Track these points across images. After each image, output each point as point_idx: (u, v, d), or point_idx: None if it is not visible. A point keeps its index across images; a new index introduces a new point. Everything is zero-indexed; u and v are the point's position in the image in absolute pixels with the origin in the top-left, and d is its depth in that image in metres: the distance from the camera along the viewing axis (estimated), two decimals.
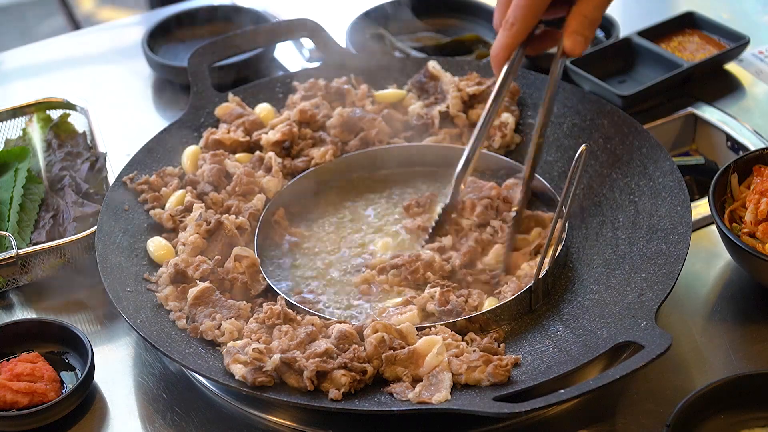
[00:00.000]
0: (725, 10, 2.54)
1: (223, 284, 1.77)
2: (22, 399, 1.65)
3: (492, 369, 1.57)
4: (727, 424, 1.56)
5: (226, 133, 2.05)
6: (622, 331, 1.60)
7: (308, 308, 1.72)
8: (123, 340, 1.83)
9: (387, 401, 1.57)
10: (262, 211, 1.92)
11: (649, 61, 2.30)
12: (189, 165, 2.01)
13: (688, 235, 1.73)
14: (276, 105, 2.14)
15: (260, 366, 1.58)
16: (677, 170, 1.86)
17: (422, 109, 2.10)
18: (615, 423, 1.63)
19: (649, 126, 2.15)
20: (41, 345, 1.76)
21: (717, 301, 1.82)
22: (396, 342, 1.62)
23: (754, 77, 2.31)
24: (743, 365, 1.70)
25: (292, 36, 2.24)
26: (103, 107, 2.29)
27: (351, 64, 2.21)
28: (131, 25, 2.85)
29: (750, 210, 1.76)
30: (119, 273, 1.78)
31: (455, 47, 2.43)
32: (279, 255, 1.89)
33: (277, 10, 2.66)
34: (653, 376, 1.66)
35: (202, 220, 1.84)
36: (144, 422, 1.69)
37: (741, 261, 1.78)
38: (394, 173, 2.05)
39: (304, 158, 2.02)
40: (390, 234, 1.91)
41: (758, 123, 2.18)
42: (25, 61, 2.63)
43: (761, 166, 1.84)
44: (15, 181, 2.05)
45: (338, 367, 1.58)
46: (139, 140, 2.06)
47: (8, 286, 1.92)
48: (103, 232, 1.84)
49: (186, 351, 1.65)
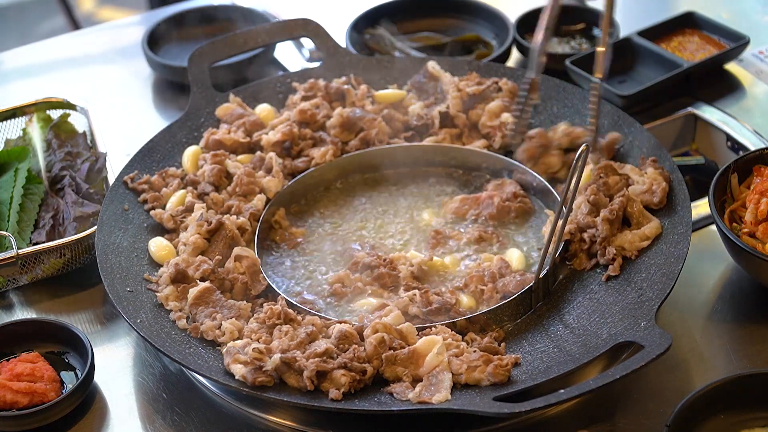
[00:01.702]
0: (725, 10, 2.54)
1: (223, 284, 1.77)
2: (22, 399, 1.65)
3: (492, 369, 1.57)
4: (727, 424, 1.56)
5: (226, 133, 2.05)
6: (622, 331, 1.60)
7: (308, 308, 1.72)
8: (123, 340, 1.83)
9: (387, 401, 1.57)
10: (263, 212, 1.92)
11: (649, 61, 2.30)
12: (189, 165, 2.01)
13: (688, 235, 1.73)
14: (276, 105, 2.14)
15: (260, 366, 1.58)
16: (677, 170, 1.86)
17: (422, 109, 2.10)
18: (615, 423, 1.63)
19: (649, 126, 2.15)
20: (41, 345, 1.76)
21: (717, 301, 1.82)
22: (396, 342, 1.62)
23: (754, 77, 2.31)
24: (743, 365, 1.70)
25: (292, 36, 2.24)
26: (103, 107, 2.29)
27: (351, 64, 2.21)
28: (131, 25, 2.85)
29: (750, 210, 1.76)
30: (119, 273, 1.78)
31: (455, 47, 2.43)
32: (280, 255, 1.89)
33: (277, 10, 2.66)
34: (653, 376, 1.66)
35: (203, 220, 1.84)
36: (144, 422, 1.69)
37: (741, 261, 1.78)
38: (394, 173, 2.05)
39: (305, 158, 2.02)
40: (393, 235, 1.92)
41: (758, 123, 2.18)
42: (25, 61, 2.63)
43: (761, 166, 1.84)
44: (15, 181, 2.05)
45: (338, 367, 1.58)
46: (139, 140, 2.06)
47: (8, 286, 1.92)
48: (103, 232, 1.84)
49: (186, 351, 1.65)
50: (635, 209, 1.79)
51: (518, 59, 2.44)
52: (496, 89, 2.10)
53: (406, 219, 1.95)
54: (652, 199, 1.82)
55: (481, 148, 2.03)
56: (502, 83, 2.11)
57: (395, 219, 1.95)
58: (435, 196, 2.00)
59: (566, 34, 2.46)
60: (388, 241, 1.90)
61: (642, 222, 1.79)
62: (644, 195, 1.82)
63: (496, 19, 2.47)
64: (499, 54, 2.32)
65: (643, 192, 1.82)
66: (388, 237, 1.91)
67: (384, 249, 1.88)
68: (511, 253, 1.83)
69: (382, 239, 1.91)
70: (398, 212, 1.97)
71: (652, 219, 1.79)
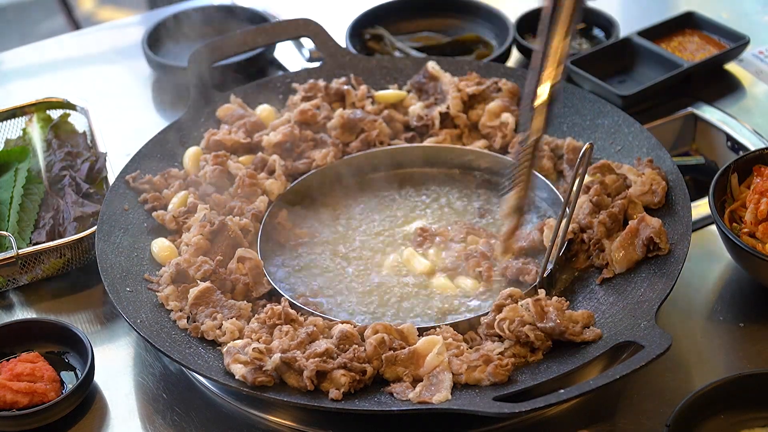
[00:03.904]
0: (725, 10, 2.54)
1: (224, 285, 1.77)
2: (22, 399, 1.65)
3: (492, 369, 1.57)
4: (727, 424, 1.56)
5: (227, 134, 2.05)
6: (622, 331, 1.60)
7: (312, 310, 1.72)
8: (123, 340, 1.83)
9: (387, 401, 1.57)
10: (265, 213, 1.92)
11: (649, 61, 2.30)
12: (191, 166, 2.01)
13: (688, 235, 1.73)
14: (276, 106, 2.14)
15: (260, 366, 1.58)
16: (677, 170, 1.86)
17: (422, 109, 2.10)
18: (615, 423, 1.63)
19: (649, 126, 2.15)
20: (41, 345, 1.76)
21: (717, 301, 1.82)
22: (396, 342, 1.62)
23: (754, 77, 2.31)
24: (743, 365, 1.70)
25: (292, 36, 2.25)
26: (103, 107, 2.29)
27: (351, 64, 2.21)
28: (131, 25, 2.86)
29: (750, 210, 1.76)
30: (119, 273, 1.78)
31: (455, 47, 2.43)
32: (282, 257, 1.89)
33: (277, 10, 2.66)
34: (653, 376, 1.66)
35: (206, 221, 1.84)
36: (144, 422, 1.69)
37: (741, 261, 1.78)
38: (395, 174, 2.05)
39: (306, 160, 2.02)
40: (394, 242, 1.92)
41: (758, 123, 2.18)
42: (25, 61, 2.63)
43: (761, 166, 1.84)
44: (15, 181, 2.05)
45: (338, 367, 1.58)
46: (139, 140, 2.06)
47: (8, 286, 1.92)
48: (103, 232, 1.84)
49: (186, 351, 1.65)
50: (636, 211, 1.80)
51: (518, 59, 2.44)
52: (496, 89, 2.10)
53: (407, 219, 1.95)
54: (652, 199, 1.82)
55: (481, 148, 2.03)
56: (502, 83, 2.11)
57: (396, 219, 1.95)
58: (435, 197, 2.00)
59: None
60: (389, 242, 1.90)
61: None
62: (645, 196, 1.82)
63: (496, 19, 2.47)
64: (499, 54, 2.32)
65: (643, 193, 1.82)
66: (388, 237, 1.91)
67: (384, 249, 1.89)
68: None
69: (382, 240, 1.91)
70: (399, 213, 1.97)
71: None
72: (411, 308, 1.77)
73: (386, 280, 1.82)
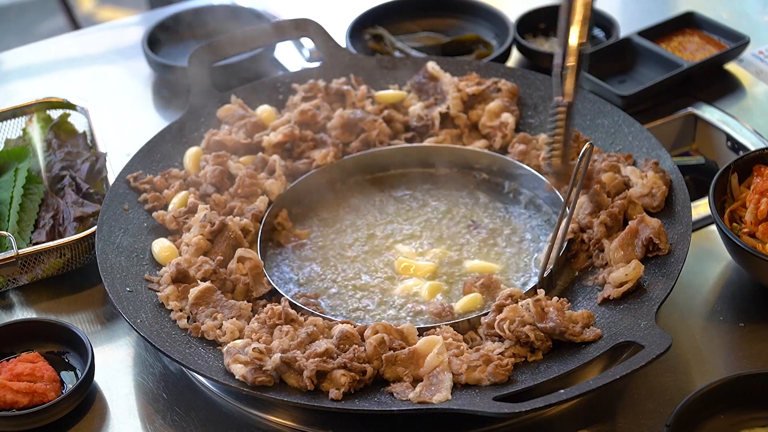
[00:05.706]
0: (725, 10, 2.54)
1: (224, 285, 1.77)
2: (22, 399, 1.65)
3: (492, 369, 1.57)
4: (727, 424, 1.56)
5: (227, 134, 2.05)
6: (622, 331, 1.60)
7: (312, 310, 1.72)
8: (123, 340, 1.83)
9: (387, 401, 1.57)
10: (265, 213, 1.92)
11: (649, 61, 2.30)
12: (191, 166, 2.01)
13: (688, 235, 1.73)
14: (276, 106, 2.14)
15: (260, 365, 1.58)
16: (677, 170, 1.86)
17: (422, 109, 2.10)
18: (615, 423, 1.63)
19: (649, 126, 2.15)
20: (41, 345, 1.76)
21: (717, 301, 1.82)
22: (396, 342, 1.62)
23: (754, 77, 2.31)
24: (743, 365, 1.70)
25: (292, 36, 2.24)
26: (103, 107, 2.29)
27: (351, 64, 2.21)
28: (131, 25, 2.86)
29: (750, 210, 1.76)
30: (119, 273, 1.78)
31: (455, 47, 2.43)
32: (282, 257, 1.89)
33: (277, 10, 2.66)
34: (653, 376, 1.66)
35: (206, 221, 1.84)
36: (144, 422, 1.69)
37: (741, 261, 1.78)
38: (395, 174, 2.05)
39: (306, 160, 2.02)
40: (394, 243, 1.92)
41: (758, 123, 2.18)
42: (25, 61, 2.63)
43: (761, 166, 1.84)
44: (15, 181, 2.05)
45: (338, 366, 1.58)
46: (139, 140, 2.06)
47: (8, 286, 1.92)
48: (103, 232, 1.85)
49: (186, 351, 1.65)
50: (636, 211, 1.80)
51: (518, 59, 2.44)
52: (495, 89, 2.10)
53: (407, 219, 1.95)
54: (651, 202, 1.82)
55: (481, 148, 2.03)
56: (501, 83, 2.11)
57: (396, 219, 1.95)
58: (436, 197, 2.00)
59: None
60: (389, 242, 1.91)
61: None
62: (644, 198, 1.82)
63: (496, 19, 2.47)
64: (499, 54, 2.32)
65: (643, 195, 1.82)
66: (389, 237, 1.91)
67: (384, 249, 1.89)
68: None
69: (383, 240, 1.91)
70: (399, 213, 1.97)
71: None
72: (411, 308, 1.77)
73: (386, 280, 1.82)
